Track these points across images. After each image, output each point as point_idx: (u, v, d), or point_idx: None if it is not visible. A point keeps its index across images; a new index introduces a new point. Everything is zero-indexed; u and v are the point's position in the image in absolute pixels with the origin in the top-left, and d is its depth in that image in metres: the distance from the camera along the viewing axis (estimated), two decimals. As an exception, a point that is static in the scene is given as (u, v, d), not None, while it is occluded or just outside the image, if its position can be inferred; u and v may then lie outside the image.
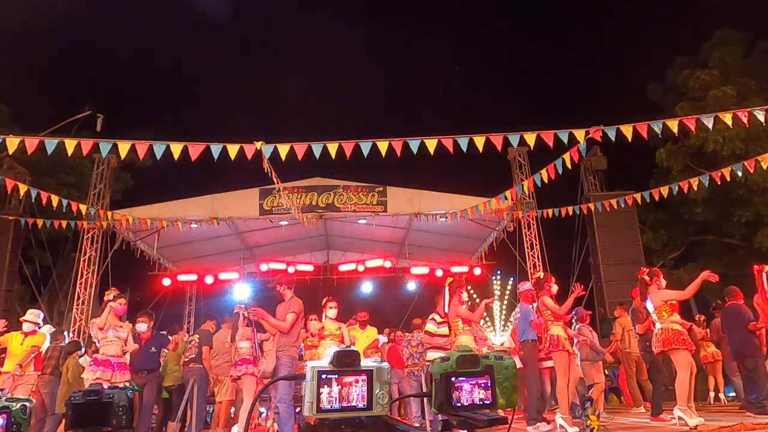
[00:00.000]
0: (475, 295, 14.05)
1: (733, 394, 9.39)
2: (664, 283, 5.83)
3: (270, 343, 6.67)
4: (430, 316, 6.63)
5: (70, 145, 6.56)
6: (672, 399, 5.94)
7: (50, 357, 7.23)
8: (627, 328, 8.70)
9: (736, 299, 7.17)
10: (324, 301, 7.06)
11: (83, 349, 7.90)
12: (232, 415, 8.25)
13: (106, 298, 6.48)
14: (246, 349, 6.76)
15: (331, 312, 6.92)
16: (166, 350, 7.71)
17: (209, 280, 14.84)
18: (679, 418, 5.29)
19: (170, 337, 7.94)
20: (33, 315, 6.86)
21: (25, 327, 6.64)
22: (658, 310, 5.65)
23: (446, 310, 6.35)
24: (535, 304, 6.56)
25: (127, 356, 6.29)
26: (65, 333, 10.00)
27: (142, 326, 7.04)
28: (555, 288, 6.15)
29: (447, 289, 6.34)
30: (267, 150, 6.68)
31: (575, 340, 7.31)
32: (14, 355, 6.50)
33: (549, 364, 6.68)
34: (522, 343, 6.62)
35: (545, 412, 6.85)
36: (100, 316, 6.27)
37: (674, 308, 5.63)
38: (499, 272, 18.06)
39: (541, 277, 6.23)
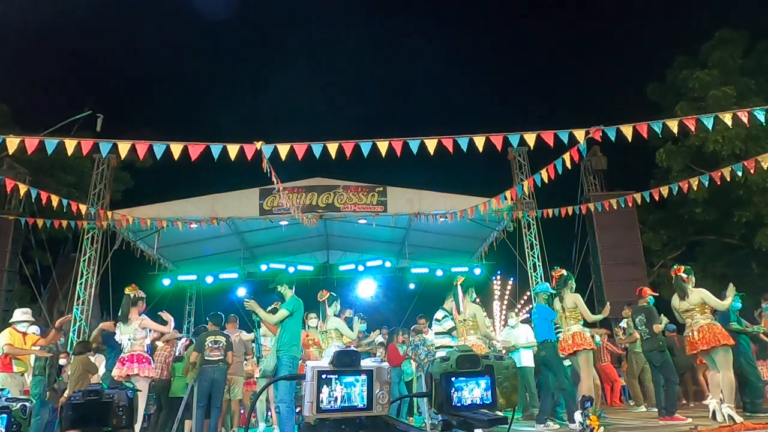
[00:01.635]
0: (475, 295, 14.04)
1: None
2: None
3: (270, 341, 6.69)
4: (443, 315, 6.62)
5: (70, 145, 6.55)
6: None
7: (39, 358, 7.18)
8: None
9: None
10: (327, 296, 7.03)
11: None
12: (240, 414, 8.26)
13: (137, 295, 6.51)
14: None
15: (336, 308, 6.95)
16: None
17: (209, 280, 14.84)
18: (729, 417, 5.31)
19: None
20: (28, 314, 6.81)
21: (24, 327, 6.59)
22: (696, 309, 5.69)
23: (460, 309, 6.36)
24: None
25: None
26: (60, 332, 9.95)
27: None
28: (575, 285, 6.20)
29: (459, 288, 6.35)
30: (267, 150, 6.67)
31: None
32: (22, 355, 6.45)
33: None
34: (542, 343, 6.59)
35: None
36: (136, 317, 6.38)
37: (710, 307, 5.71)
38: (499, 272, 18.05)
39: (565, 274, 6.23)
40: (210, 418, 6.77)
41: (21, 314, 6.69)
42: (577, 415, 5.57)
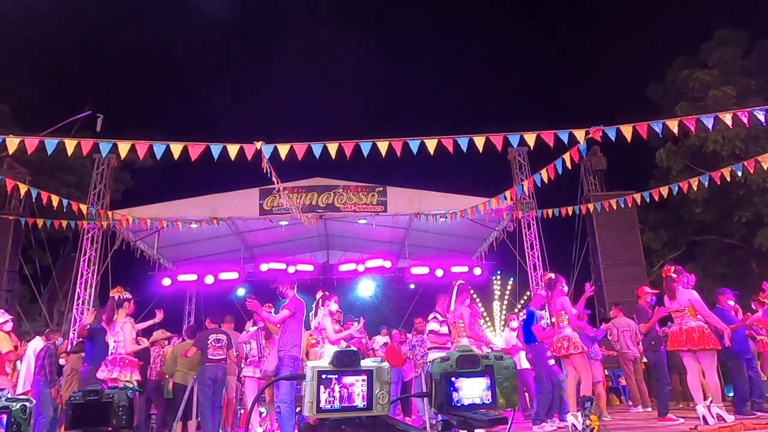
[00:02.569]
0: (475, 296, 14.05)
1: (731, 394, 9.40)
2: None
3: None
4: (432, 315, 6.64)
5: (70, 145, 6.55)
6: (672, 399, 5.96)
7: (37, 357, 7.16)
8: (622, 328, 8.73)
9: (719, 303, 7.22)
10: (320, 296, 7.03)
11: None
12: (240, 414, 8.26)
13: (119, 297, 6.47)
14: (254, 350, 6.79)
15: (334, 307, 6.92)
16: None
17: (209, 280, 14.83)
18: (718, 416, 5.32)
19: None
20: (6, 314, 6.79)
21: (8, 327, 6.59)
22: (686, 310, 5.71)
23: (451, 309, 6.37)
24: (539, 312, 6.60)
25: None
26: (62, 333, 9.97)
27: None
28: (566, 288, 6.18)
29: (456, 289, 6.36)
30: (267, 150, 6.67)
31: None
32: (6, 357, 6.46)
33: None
34: (529, 345, 6.60)
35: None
36: (123, 319, 6.34)
37: (698, 311, 5.71)
38: (499, 272, 18.07)
39: (553, 277, 6.23)
40: (212, 417, 6.75)
41: (1, 314, 6.69)
42: (569, 417, 5.58)
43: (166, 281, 14.33)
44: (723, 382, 9.26)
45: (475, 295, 13.76)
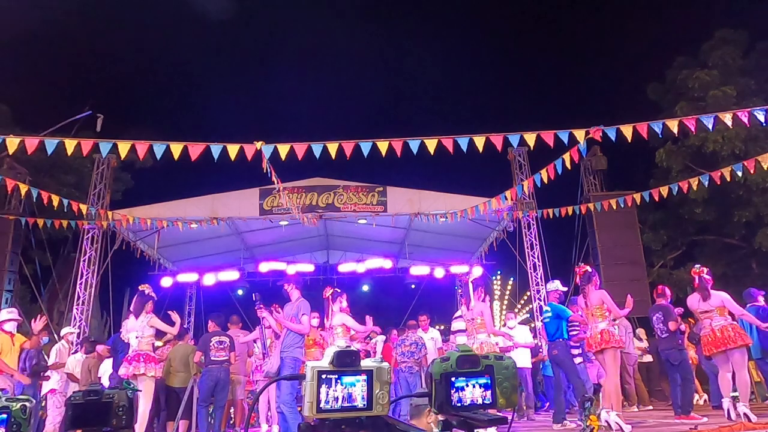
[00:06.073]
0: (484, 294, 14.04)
1: (735, 394, 9.40)
2: None
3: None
4: (458, 314, 6.64)
5: (70, 145, 6.56)
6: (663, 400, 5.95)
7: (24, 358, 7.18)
8: (627, 329, 8.76)
9: (755, 302, 7.22)
10: (331, 292, 7.03)
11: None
12: (231, 417, 8.25)
13: (148, 293, 6.58)
14: (259, 349, 6.85)
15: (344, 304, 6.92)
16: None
17: (209, 280, 14.83)
18: (744, 414, 5.33)
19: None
20: (14, 313, 6.69)
21: (10, 327, 6.54)
22: (716, 310, 5.78)
23: (471, 307, 6.40)
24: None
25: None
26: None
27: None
28: (599, 282, 6.20)
29: (470, 285, 6.38)
30: (267, 150, 6.67)
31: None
32: (10, 357, 6.41)
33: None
34: (554, 342, 6.55)
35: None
36: (144, 315, 6.41)
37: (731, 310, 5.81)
38: (499, 272, 18.07)
39: (589, 270, 6.19)
40: (214, 417, 6.80)
41: (7, 314, 6.63)
42: (603, 414, 5.50)
43: (166, 281, 14.32)
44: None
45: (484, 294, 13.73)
